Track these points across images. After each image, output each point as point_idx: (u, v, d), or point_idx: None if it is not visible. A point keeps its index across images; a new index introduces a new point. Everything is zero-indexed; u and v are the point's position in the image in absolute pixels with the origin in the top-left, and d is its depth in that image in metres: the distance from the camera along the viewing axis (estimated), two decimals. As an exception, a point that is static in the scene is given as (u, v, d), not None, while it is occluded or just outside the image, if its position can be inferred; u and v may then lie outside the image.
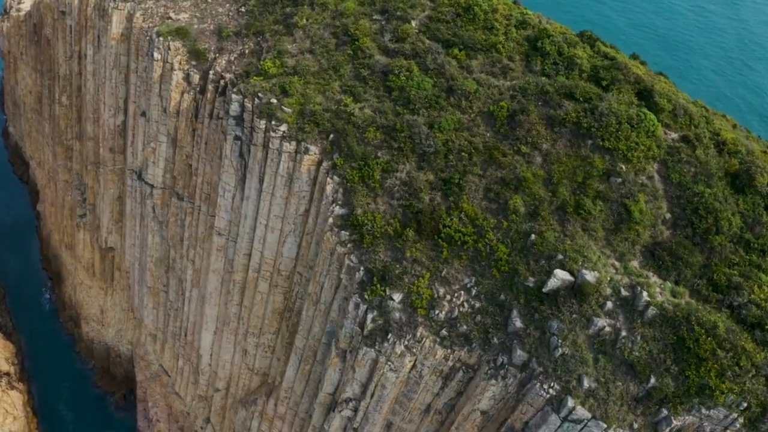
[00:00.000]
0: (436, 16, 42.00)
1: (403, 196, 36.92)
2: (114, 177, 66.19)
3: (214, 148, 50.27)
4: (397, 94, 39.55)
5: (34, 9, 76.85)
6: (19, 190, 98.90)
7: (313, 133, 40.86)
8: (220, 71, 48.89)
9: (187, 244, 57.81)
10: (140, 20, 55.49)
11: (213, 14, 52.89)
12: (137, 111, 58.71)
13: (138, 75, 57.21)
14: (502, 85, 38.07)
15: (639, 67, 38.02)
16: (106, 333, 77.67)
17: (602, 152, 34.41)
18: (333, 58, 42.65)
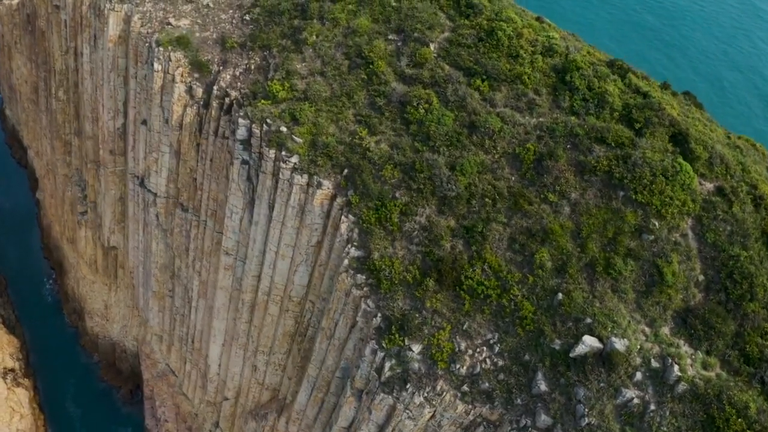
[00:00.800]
0: (457, 39, 39.42)
1: (423, 242, 35.32)
2: (115, 178, 64.20)
3: (220, 167, 48.29)
4: (416, 128, 37.44)
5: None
6: (17, 175, 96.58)
7: (326, 167, 38.91)
8: (225, 87, 46.45)
9: (193, 255, 56.38)
10: (138, 24, 52.57)
11: (215, 21, 49.97)
12: (137, 117, 56.38)
13: (137, 81, 54.66)
14: (528, 122, 35.94)
15: (672, 104, 35.79)
16: (111, 328, 76.96)
17: (634, 206, 32.67)
18: (346, 83, 40.28)
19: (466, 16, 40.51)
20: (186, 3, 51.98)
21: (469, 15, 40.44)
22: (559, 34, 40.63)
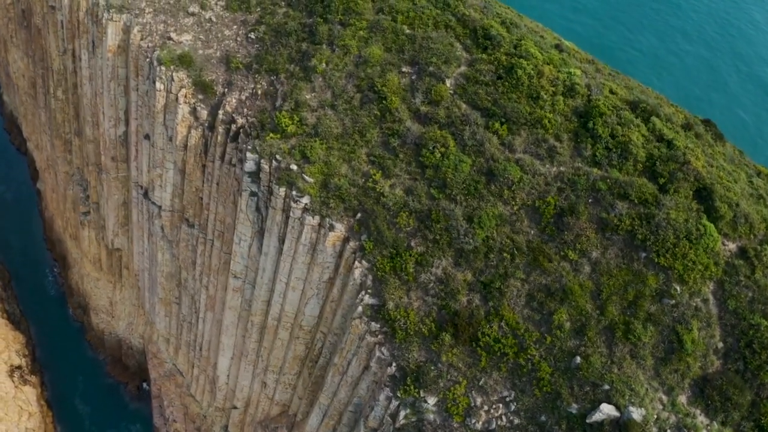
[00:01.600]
0: (474, 75, 37.90)
1: (439, 294, 34.80)
2: (118, 184, 63.12)
3: (227, 192, 47.29)
4: (432, 173, 36.41)
5: None
6: (17, 162, 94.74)
7: (338, 209, 38.02)
8: (231, 112, 45.04)
9: (200, 270, 55.87)
10: (138, 37, 50.68)
11: (219, 38, 48.10)
12: (140, 130, 54.99)
13: (138, 94, 53.06)
14: (549, 172, 34.91)
15: (697, 153, 34.64)
16: (117, 325, 76.97)
17: (656, 269, 32.03)
18: (358, 119, 38.96)
19: (483, 48, 38.89)
20: (187, 16, 50.02)
21: (487, 47, 38.82)
22: (579, 67, 39.09)
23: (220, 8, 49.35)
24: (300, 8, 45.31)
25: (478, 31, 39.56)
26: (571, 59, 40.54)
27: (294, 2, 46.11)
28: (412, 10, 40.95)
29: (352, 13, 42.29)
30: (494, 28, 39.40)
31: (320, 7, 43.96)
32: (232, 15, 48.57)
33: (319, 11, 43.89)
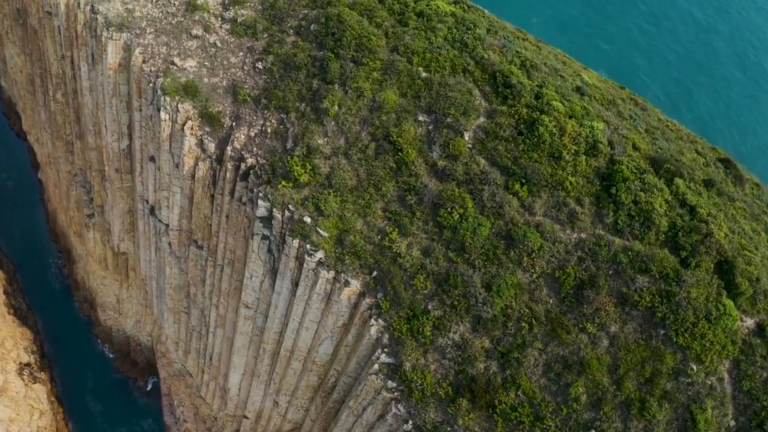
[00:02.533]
0: (494, 129, 36.76)
1: (456, 359, 34.86)
2: (123, 193, 62.28)
3: (237, 226, 46.67)
4: (450, 234, 35.83)
5: None
6: (17, 148, 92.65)
7: (353, 266, 37.61)
8: (239, 148, 43.92)
9: (209, 289, 55.74)
10: (140, 59, 48.96)
11: (225, 65, 46.42)
12: (144, 150, 53.84)
13: (142, 116, 51.72)
14: (569, 238, 34.37)
15: (720, 223, 33.97)
16: (125, 323, 77.33)
17: (674, 347, 32.01)
18: (373, 171, 38.04)
19: (503, 98, 37.61)
20: (190, 39, 48.18)
21: (507, 97, 37.53)
22: (600, 116, 37.94)
23: (225, 32, 47.52)
24: (309, 39, 43.62)
25: (498, 77, 38.17)
26: (593, 104, 39.31)
27: (303, 32, 44.35)
28: (429, 50, 39.40)
29: (364, 50, 40.72)
30: (514, 74, 38.03)
31: (331, 41, 42.31)
32: (237, 40, 46.80)
33: (330, 44, 42.26)
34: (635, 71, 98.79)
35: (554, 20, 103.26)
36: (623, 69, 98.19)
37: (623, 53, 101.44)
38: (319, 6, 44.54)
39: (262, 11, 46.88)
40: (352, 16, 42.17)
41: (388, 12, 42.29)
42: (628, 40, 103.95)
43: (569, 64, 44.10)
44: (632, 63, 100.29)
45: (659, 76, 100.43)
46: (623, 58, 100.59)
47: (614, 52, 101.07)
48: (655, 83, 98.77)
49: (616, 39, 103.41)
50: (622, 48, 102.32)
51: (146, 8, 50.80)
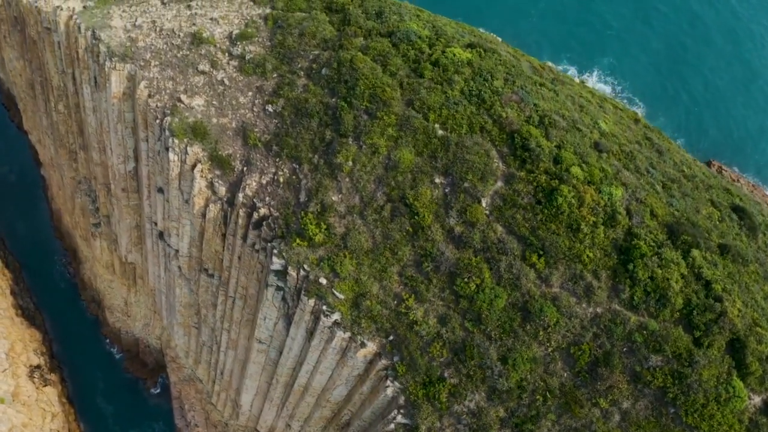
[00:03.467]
0: (512, 196, 36.29)
1: (471, 425, 35.52)
2: (130, 210, 61.88)
3: (250, 268, 46.54)
4: (466, 304, 35.90)
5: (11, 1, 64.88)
6: (18, 140, 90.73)
7: (370, 329, 37.79)
8: (251, 195, 43.42)
9: (221, 315, 55.97)
10: (145, 93, 47.91)
11: (233, 105, 45.40)
12: (152, 179, 53.21)
13: (149, 146, 50.90)
14: (585, 313, 34.48)
15: (735, 299, 34.07)
16: (133, 325, 77.76)
17: (683, 426, 32.70)
18: (389, 234, 37.74)
19: (521, 161, 37.00)
20: (197, 74, 46.98)
21: (525, 161, 36.92)
22: (619, 178, 37.46)
23: (232, 69, 46.28)
24: (321, 83, 42.54)
25: (516, 139, 37.46)
26: (611, 161, 38.72)
27: (314, 75, 43.21)
28: (445, 106, 38.54)
29: (379, 102, 39.81)
30: (533, 136, 37.30)
31: (344, 88, 41.28)
32: (246, 78, 45.63)
33: (343, 92, 41.25)
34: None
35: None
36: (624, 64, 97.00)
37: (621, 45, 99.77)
38: (331, 48, 43.32)
39: (270, 48, 45.61)
40: (365, 63, 41.05)
41: (402, 59, 41.14)
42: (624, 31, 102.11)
43: (587, 108, 43.20)
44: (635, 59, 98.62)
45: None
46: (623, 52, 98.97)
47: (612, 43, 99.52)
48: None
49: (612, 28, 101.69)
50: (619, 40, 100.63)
51: (150, 38, 49.41)
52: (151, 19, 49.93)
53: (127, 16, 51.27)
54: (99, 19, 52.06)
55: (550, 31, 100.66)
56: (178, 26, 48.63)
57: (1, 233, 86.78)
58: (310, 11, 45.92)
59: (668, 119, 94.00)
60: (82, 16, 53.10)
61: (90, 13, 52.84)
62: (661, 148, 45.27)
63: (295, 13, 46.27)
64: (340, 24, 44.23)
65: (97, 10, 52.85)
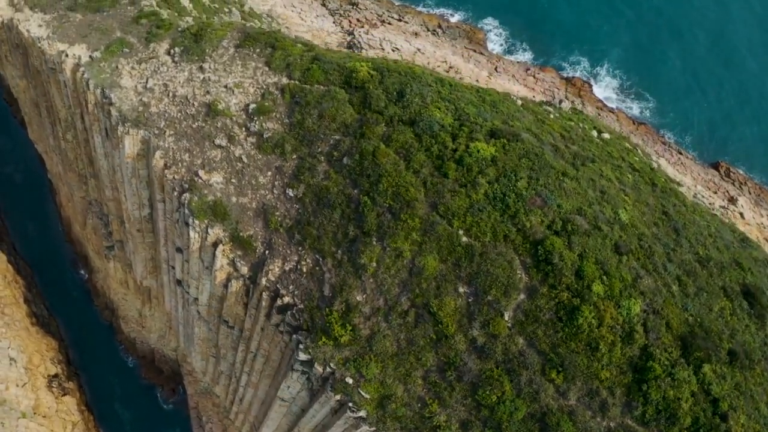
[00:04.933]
0: (533, 311, 37.12)
1: None
2: (146, 246, 62.23)
3: (273, 341, 47.44)
4: (487, 413, 37.40)
5: (12, 26, 62.28)
6: (22, 137, 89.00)
7: (394, 427, 39.28)
8: (274, 280, 43.88)
9: (241, 359, 57.25)
10: (161, 162, 47.53)
11: (253, 184, 45.12)
12: (169, 236, 53.34)
13: (166, 208, 50.76)
14: (599, 426, 36.29)
15: (739, 416, 35.63)
16: (148, 336, 79.29)
17: None
18: (413, 339, 38.76)
19: (544, 275, 37.57)
20: (214, 148, 46.45)
21: (548, 274, 37.49)
22: (638, 296, 38.29)
23: (250, 146, 45.67)
24: (343, 173, 42.26)
25: (540, 251, 37.92)
26: (631, 263, 39.32)
27: (335, 163, 42.83)
28: (470, 212, 38.66)
29: (402, 201, 39.80)
30: (555, 249, 37.73)
31: (366, 182, 41.10)
32: (265, 157, 45.17)
33: (365, 186, 41.10)
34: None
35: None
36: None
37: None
38: (352, 134, 42.76)
39: (289, 126, 44.91)
40: (388, 157, 40.74)
41: (425, 154, 40.81)
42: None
43: (608, 193, 43.27)
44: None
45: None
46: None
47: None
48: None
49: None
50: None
51: (163, 103, 48.44)
52: (163, 82, 48.78)
53: (137, 74, 50.05)
54: (108, 75, 50.81)
55: (561, 19, 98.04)
56: (192, 93, 47.63)
57: (11, 237, 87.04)
58: (328, 85, 44.96)
59: (677, 115, 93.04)
60: (89, 69, 51.77)
61: (98, 67, 51.49)
62: (677, 225, 45.73)
63: (313, 86, 45.32)
64: (360, 105, 43.49)
65: (105, 63, 51.49)
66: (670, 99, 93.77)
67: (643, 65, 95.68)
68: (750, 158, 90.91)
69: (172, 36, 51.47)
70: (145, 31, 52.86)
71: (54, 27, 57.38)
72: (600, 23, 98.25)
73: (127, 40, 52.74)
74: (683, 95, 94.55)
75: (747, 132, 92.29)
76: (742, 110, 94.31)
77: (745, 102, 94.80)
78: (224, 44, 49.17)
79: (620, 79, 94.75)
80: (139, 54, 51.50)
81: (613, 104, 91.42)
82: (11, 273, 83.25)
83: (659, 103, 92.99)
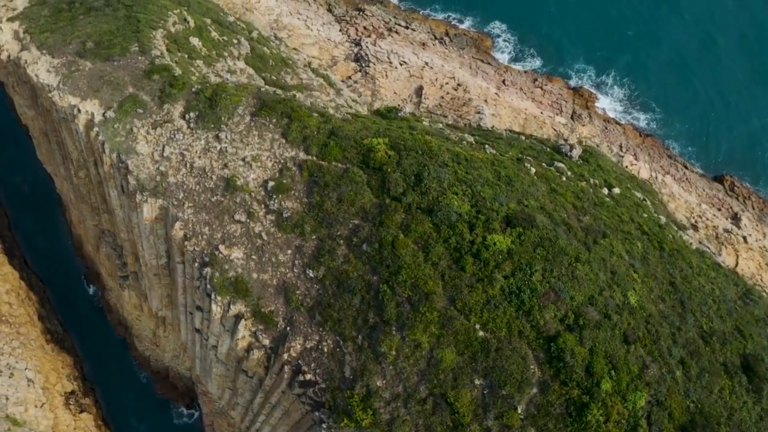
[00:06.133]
0: (545, 406, 38.96)
1: None
2: (162, 285, 63.40)
3: (294, 406, 49.11)
4: (501, 498, 39.45)
5: (19, 63, 61.55)
6: (28, 147, 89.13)
7: (416, 505, 41.46)
8: (296, 357, 45.30)
9: (259, 404, 59.11)
10: (180, 233, 48.41)
11: (273, 262, 46.07)
12: (188, 297, 54.35)
13: (185, 270, 51.71)
14: None
15: None
16: (163, 355, 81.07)
17: None
18: (431, 426, 40.75)
19: (556, 371, 39.23)
20: (233, 222, 47.22)
21: (560, 371, 39.14)
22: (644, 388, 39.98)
23: (269, 223, 46.36)
24: (362, 258, 43.26)
25: (552, 348, 39.48)
26: (638, 350, 40.92)
27: (355, 248, 43.78)
28: (486, 308, 40.01)
29: (421, 293, 41.06)
30: (567, 347, 39.32)
31: (386, 272, 42.19)
32: (284, 236, 45.99)
33: (385, 275, 42.21)
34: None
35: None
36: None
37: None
38: (371, 221, 43.56)
39: (308, 205, 45.58)
40: (407, 248, 41.78)
41: (444, 245, 41.82)
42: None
43: (618, 273, 44.49)
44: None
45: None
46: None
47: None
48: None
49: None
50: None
51: (180, 173, 48.88)
52: (180, 151, 49.10)
53: (153, 140, 50.26)
54: (123, 138, 50.96)
55: (568, 25, 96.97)
56: (210, 166, 48.06)
57: (22, 251, 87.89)
58: (346, 164, 45.48)
59: (683, 125, 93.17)
60: (104, 130, 51.82)
61: (112, 128, 51.55)
62: (683, 296, 47.19)
63: (330, 164, 45.81)
64: (379, 190, 44.19)
65: (119, 124, 51.53)
66: (676, 109, 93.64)
67: (650, 73, 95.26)
68: (755, 169, 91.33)
69: (186, 97, 51.45)
70: (158, 88, 52.75)
71: (64, 75, 57.00)
72: (606, 30, 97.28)
73: (140, 98, 52.68)
74: (690, 104, 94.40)
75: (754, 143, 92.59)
76: (749, 119, 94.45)
77: (753, 111, 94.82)
78: (240, 111, 49.30)
79: (627, 88, 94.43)
80: (153, 116, 51.58)
81: (620, 116, 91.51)
82: (24, 290, 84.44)
83: (665, 113, 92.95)
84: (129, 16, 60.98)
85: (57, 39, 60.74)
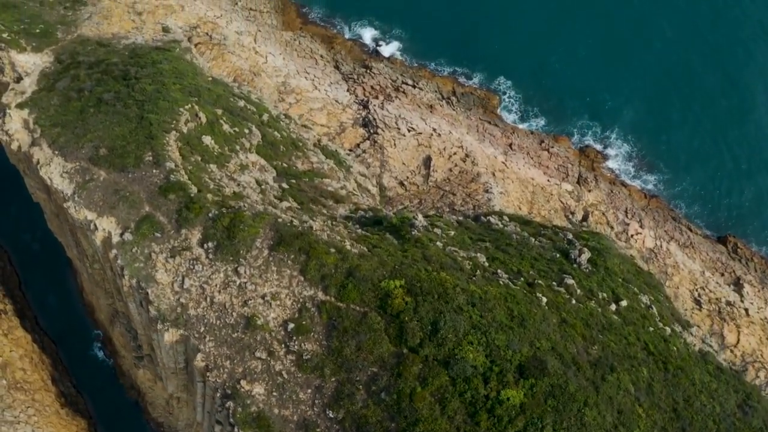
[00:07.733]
0: None
1: None
2: (179, 379, 64.65)
3: None
4: None
5: (30, 158, 62.13)
6: (37, 205, 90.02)
7: None
8: (318, 494, 46.85)
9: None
10: (202, 364, 49.58)
11: (294, 399, 47.43)
12: (207, 406, 55.69)
13: (206, 392, 52.94)
14: None
15: None
16: (176, 423, 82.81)
17: None
18: None
19: None
20: (254, 359, 48.58)
21: None
22: None
23: (289, 362, 47.58)
24: (381, 405, 44.80)
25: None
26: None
27: (373, 395, 45.12)
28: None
29: None
30: None
31: (403, 421, 43.92)
32: (304, 376, 47.28)
33: (402, 424, 43.90)
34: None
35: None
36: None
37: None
38: (389, 370, 44.85)
39: (327, 349, 46.76)
40: (423, 401, 43.22)
41: (459, 399, 43.19)
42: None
43: (625, 414, 45.94)
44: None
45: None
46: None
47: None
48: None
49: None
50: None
51: (201, 307, 49.96)
52: (200, 284, 50.11)
53: (172, 269, 51.19)
54: (142, 265, 51.82)
55: (572, 80, 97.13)
56: (230, 302, 49.13)
57: (34, 311, 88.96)
58: (364, 308, 46.62)
59: (688, 184, 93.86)
60: (122, 253, 52.62)
61: (130, 253, 52.33)
62: (685, 424, 49.00)
63: (349, 307, 46.94)
64: (397, 339, 45.46)
65: (137, 249, 52.33)
66: (682, 166, 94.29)
67: (658, 129, 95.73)
68: (760, 228, 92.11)
69: (203, 223, 52.27)
70: (175, 209, 53.49)
71: (78, 184, 57.52)
72: (608, 85, 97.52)
73: (157, 220, 53.43)
74: (696, 161, 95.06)
75: (760, 204, 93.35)
76: (756, 177, 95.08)
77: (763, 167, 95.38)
78: (258, 245, 50.22)
79: (632, 144, 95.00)
80: (171, 241, 52.39)
81: (626, 177, 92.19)
82: (37, 353, 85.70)
83: (671, 172, 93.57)
84: (141, 117, 61.29)
85: (69, 139, 61.11)
